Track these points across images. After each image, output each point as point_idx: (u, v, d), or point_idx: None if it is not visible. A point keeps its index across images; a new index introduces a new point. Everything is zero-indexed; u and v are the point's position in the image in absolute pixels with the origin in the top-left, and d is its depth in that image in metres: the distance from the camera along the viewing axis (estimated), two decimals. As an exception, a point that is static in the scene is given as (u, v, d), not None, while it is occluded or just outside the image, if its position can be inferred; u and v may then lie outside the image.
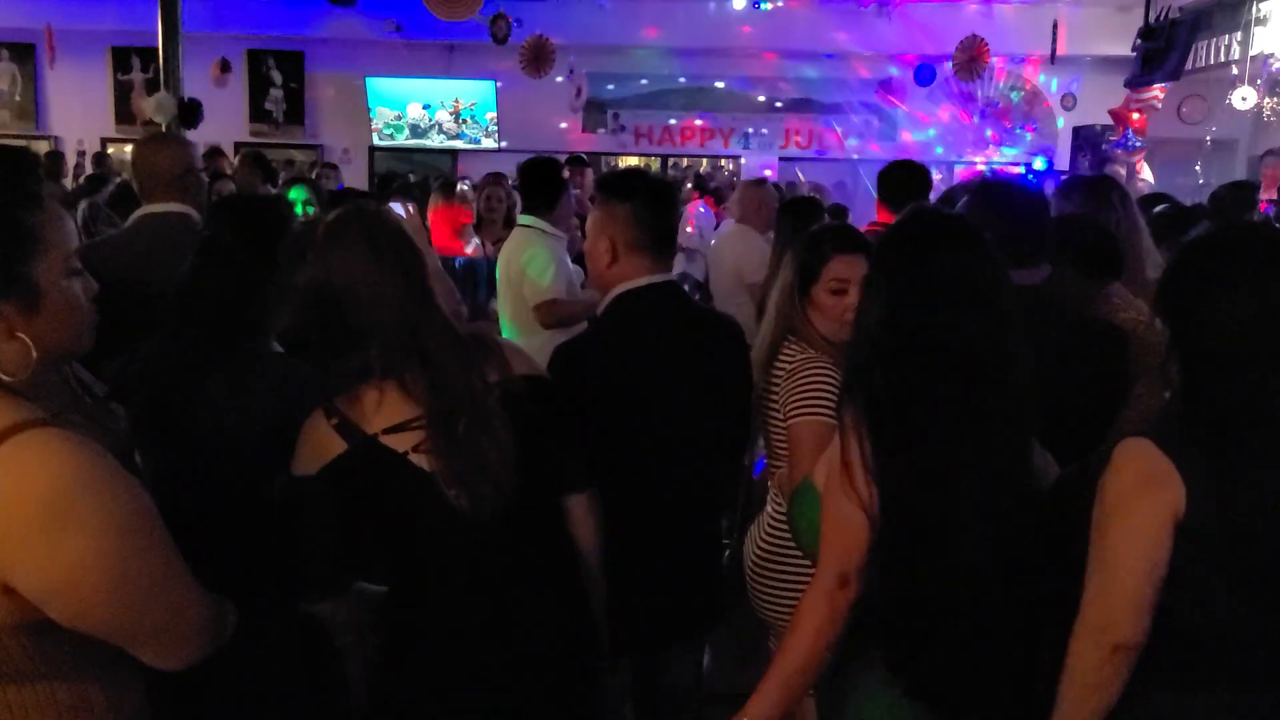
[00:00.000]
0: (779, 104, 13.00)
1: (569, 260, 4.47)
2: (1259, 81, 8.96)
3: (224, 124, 11.19)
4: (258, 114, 12.84)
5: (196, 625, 1.56)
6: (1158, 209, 4.44)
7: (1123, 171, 8.89)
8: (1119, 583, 1.68)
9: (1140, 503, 1.67)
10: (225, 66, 11.74)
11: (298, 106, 12.90)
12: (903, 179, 4.46)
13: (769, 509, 2.66)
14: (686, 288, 3.89)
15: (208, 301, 2.13)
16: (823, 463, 1.95)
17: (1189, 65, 9.47)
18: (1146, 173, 10.01)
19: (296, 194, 5.12)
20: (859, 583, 1.83)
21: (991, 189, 2.83)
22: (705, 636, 2.78)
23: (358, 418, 1.88)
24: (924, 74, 11.15)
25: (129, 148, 4.39)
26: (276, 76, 12.83)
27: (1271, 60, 9.00)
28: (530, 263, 4.27)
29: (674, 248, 2.60)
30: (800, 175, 11.60)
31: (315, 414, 1.91)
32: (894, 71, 12.17)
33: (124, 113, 12.44)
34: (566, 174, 5.21)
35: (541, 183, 4.55)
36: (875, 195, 4.78)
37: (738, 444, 2.68)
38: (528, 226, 4.48)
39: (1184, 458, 1.66)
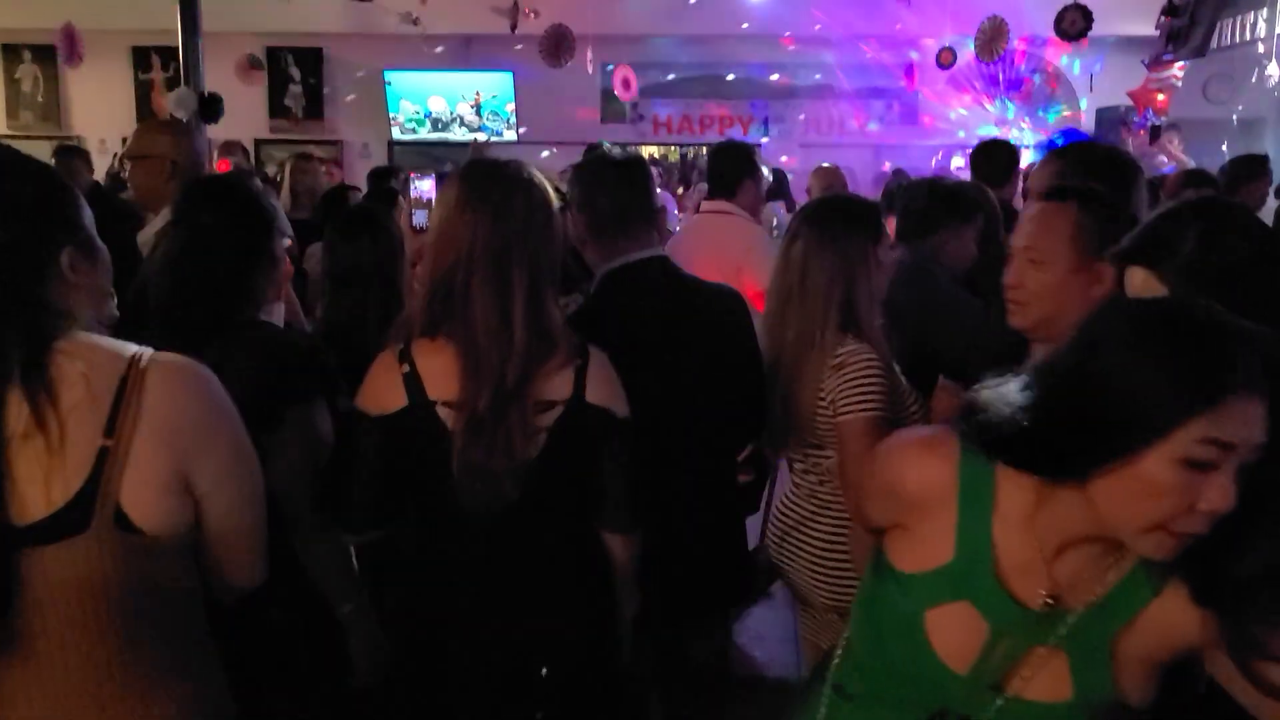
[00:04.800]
0: (799, 89, 12.91)
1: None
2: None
3: (244, 121, 11.23)
4: (277, 110, 12.87)
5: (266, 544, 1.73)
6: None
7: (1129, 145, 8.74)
8: None
9: None
10: (256, 63, 11.79)
11: (317, 102, 12.92)
12: (1004, 157, 4.81)
13: (799, 480, 2.65)
14: None
15: (195, 282, 2.16)
16: None
17: (1214, 44, 9.33)
18: (1178, 151, 9.86)
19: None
20: None
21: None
22: (728, 615, 2.78)
23: (425, 371, 1.92)
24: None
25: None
26: (295, 73, 12.86)
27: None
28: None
29: (650, 222, 2.57)
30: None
31: (389, 353, 1.95)
32: (914, 55, 12.06)
33: (145, 111, 12.47)
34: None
35: (723, 167, 4.61)
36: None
37: (751, 416, 2.64)
38: (716, 212, 4.57)
39: None
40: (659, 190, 10.35)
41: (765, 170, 4.91)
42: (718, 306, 2.58)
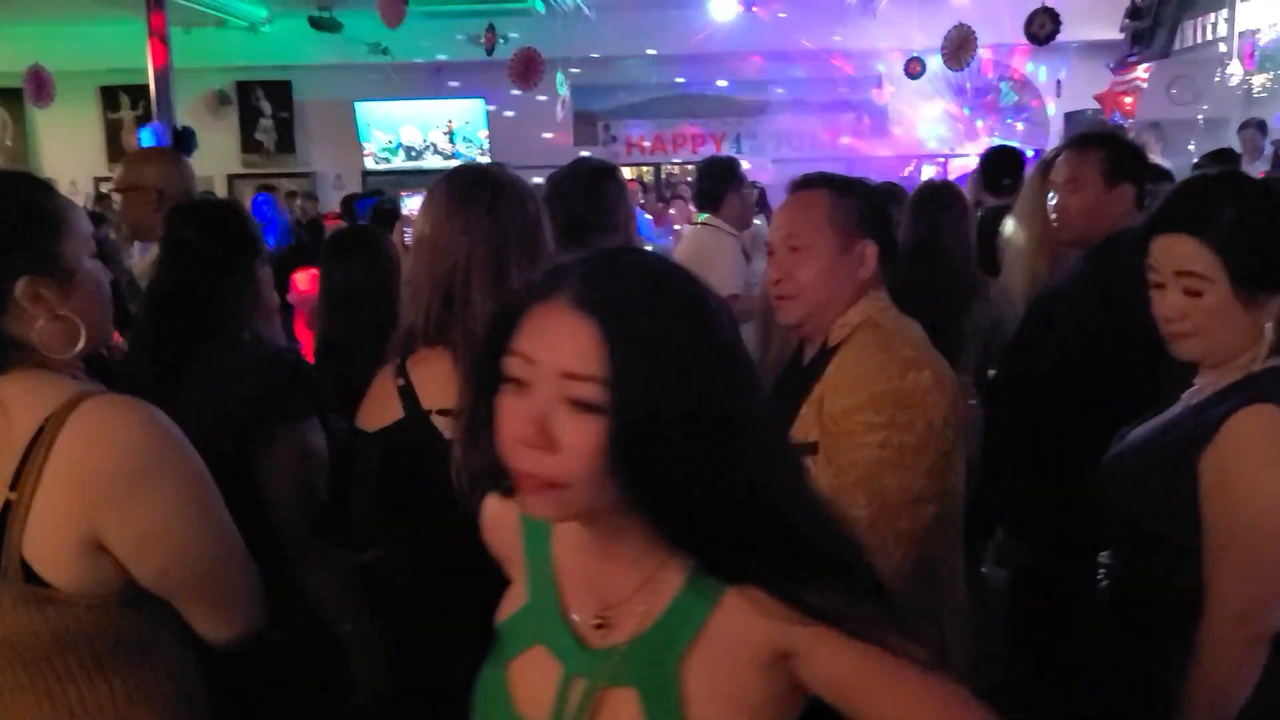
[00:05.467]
0: (769, 105, 13.00)
1: (743, 256, 4.66)
2: (1241, 56, 8.96)
3: (216, 156, 11.21)
4: (249, 145, 12.86)
5: (253, 592, 1.61)
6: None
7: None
8: (1266, 567, 1.53)
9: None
10: (224, 99, 11.81)
11: (288, 135, 12.91)
12: (1007, 164, 4.88)
13: None
14: None
15: (175, 298, 2.15)
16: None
17: (1177, 45, 9.46)
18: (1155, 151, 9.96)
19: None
20: None
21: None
22: None
23: (420, 383, 1.89)
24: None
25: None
26: (266, 106, 12.85)
27: (1259, 36, 9.00)
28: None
29: (612, 232, 2.55)
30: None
31: (386, 370, 1.93)
32: (882, 68, 12.16)
33: (116, 151, 12.45)
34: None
35: (706, 182, 4.68)
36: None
37: None
38: (703, 224, 4.67)
39: None
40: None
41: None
42: None
